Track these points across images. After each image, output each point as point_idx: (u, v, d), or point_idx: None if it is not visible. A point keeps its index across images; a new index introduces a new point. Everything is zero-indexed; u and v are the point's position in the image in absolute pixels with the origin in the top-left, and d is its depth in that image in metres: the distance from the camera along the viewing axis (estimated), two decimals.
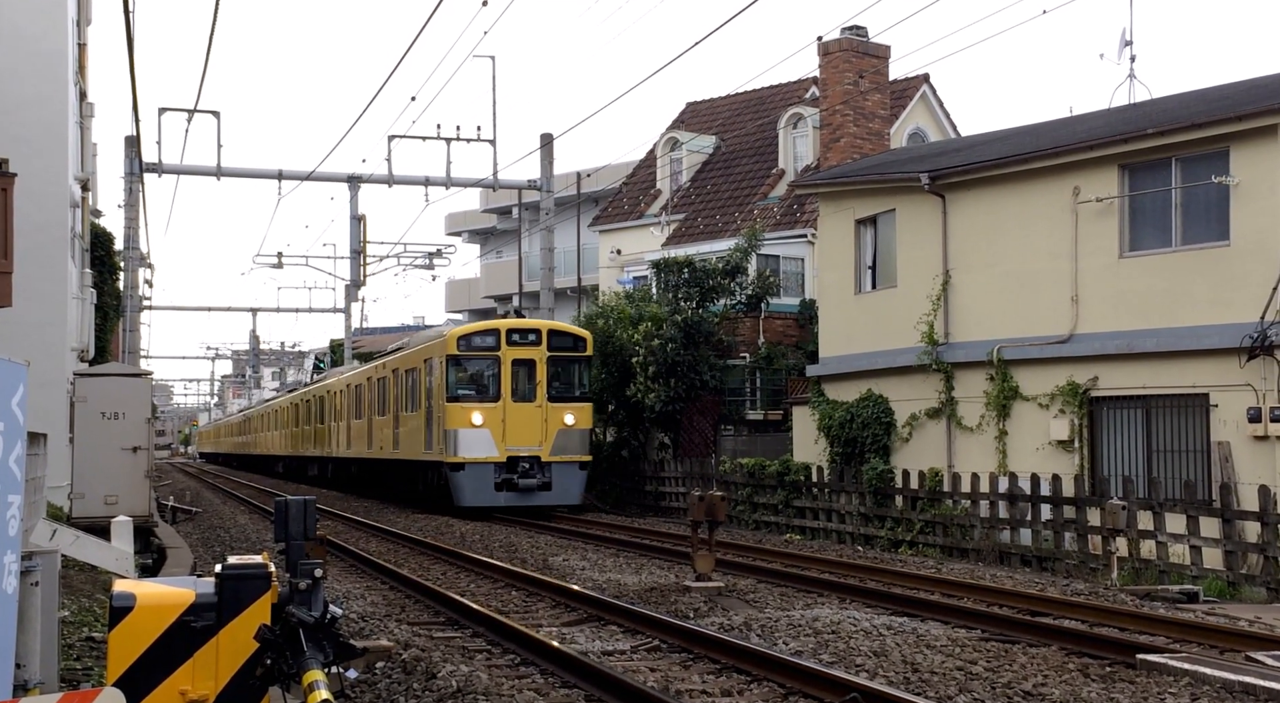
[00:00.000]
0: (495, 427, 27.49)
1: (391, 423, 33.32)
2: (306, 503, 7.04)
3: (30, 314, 22.44)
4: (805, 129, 38.40)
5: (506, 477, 27.41)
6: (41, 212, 23.85)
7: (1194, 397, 18.48)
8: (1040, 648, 11.32)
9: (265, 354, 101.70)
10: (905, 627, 12.07)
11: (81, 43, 29.06)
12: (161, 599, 6.33)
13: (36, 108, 24.06)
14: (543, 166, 37.51)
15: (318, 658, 6.09)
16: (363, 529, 25.54)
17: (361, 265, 43.67)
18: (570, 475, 27.71)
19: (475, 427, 27.32)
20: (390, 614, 13.57)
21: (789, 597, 14.65)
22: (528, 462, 27.52)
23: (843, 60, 29.28)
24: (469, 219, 65.74)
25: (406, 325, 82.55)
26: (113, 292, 36.12)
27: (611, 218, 44.10)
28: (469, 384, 28.20)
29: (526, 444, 27.58)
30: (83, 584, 14.21)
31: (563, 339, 28.52)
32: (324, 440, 45.52)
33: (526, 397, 27.93)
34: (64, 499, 21.35)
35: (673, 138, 43.51)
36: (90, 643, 10.82)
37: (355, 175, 38.61)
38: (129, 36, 18.95)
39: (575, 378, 28.64)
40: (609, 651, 11.23)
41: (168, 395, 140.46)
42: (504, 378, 27.88)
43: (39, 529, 8.73)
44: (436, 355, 28.90)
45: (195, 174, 36.43)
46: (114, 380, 21.37)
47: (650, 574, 16.78)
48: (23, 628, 7.21)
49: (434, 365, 29.04)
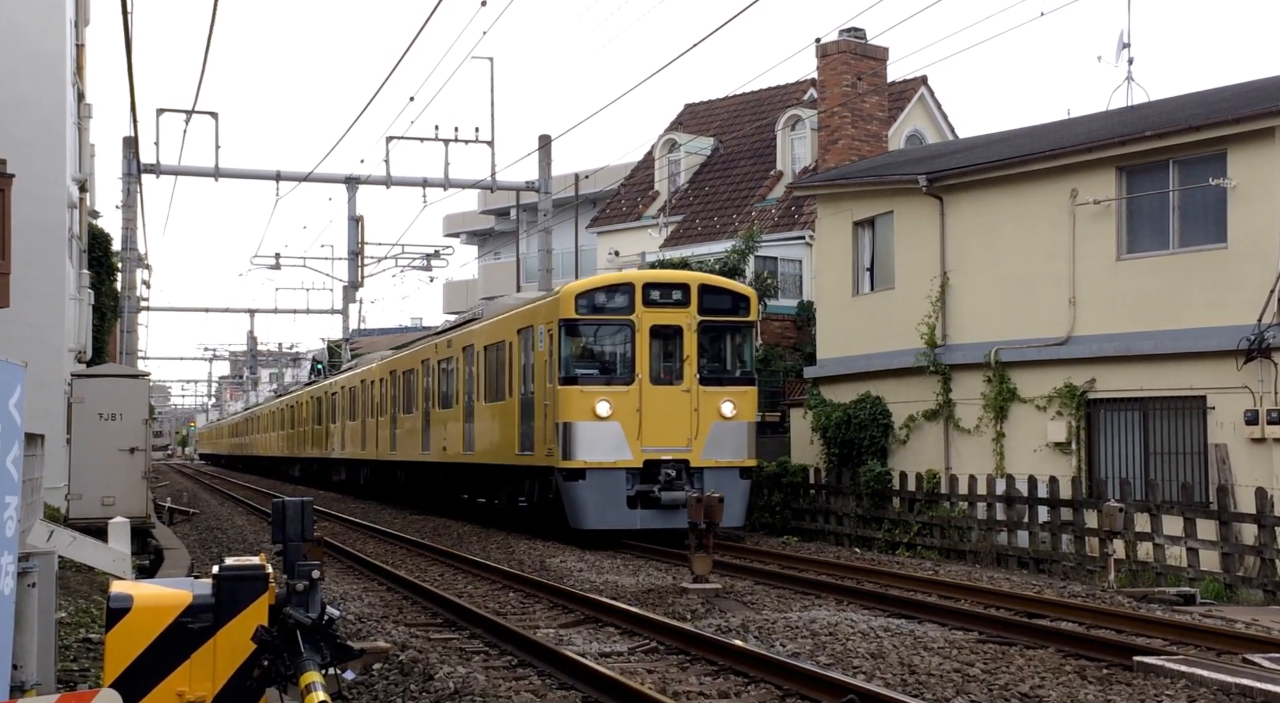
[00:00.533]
0: (628, 419, 20.76)
1: (461, 417, 26.94)
2: (304, 504, 7.05)
3: (28, 315, 22.41)
4: (803, 131, 38.41)
5: (643, 488, 20.68)
6: (39, 212, 23.82)
7: (1191, 399, 18.50)
8: (1037, 650, 11.32)
9: (263, 355, 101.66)
10: (902, 629, 12.08)
11: (80, 43, 29.04)
12: (159, 601, 6.33)
13: (34, 108, 24.04)
14: (541, 168, 37.51)
15: (315, 660, 6.09)
16: (360, 530, 25.53)
17: (359, 267, 43.66)
18: (729, 486, 20.23)
19: (600, 419, 20.60)
20: (388, 616, 13.57)
21: (786, 599, 14.65)
22: (672, 467, 20.84)
23: (841, 62, 29.29)
24: (467, 220, 65.74)
25: (405, 326, 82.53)
26: (110, 292, 36.07)
27: (609, 219, 44.10)
28: (589, 361, 21.63)
29: (670, 443, 20.92)
30: (80, 585, 14.21)
31: (718, 298, 21.76)
32: (356, 440, 39.33)
33: (670, 378, 21.29)
34: (61, 500, 21.33)
35: (671, 139, 43.52)
36: (87, 644, 10.82)
37: (353, 176, 38.61)
38: (127, 37, 18.96)
39: (735, 352, 22.13)
40: (606, 652, 11.24)
41: (165, 397, 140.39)
42: (640, 351, 21.04)
43: (36, 530, 8.73)
44: (543, 322, 21.94)
45: (193, 175, 36.41)
46: (111, 381, 21.39)
47: (647, 576, 16.79)
48: (20, 629, 7.21)
49: (537, 336, 22.17)
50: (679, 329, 21.33)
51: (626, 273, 23.56)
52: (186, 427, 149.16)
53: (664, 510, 20.55)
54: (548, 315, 21.68)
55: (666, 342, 21.49)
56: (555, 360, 21.10)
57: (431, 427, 29.59)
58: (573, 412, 20.69)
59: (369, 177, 37.56)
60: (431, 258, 50.10)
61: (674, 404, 21.04)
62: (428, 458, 29.84)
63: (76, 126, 28.74)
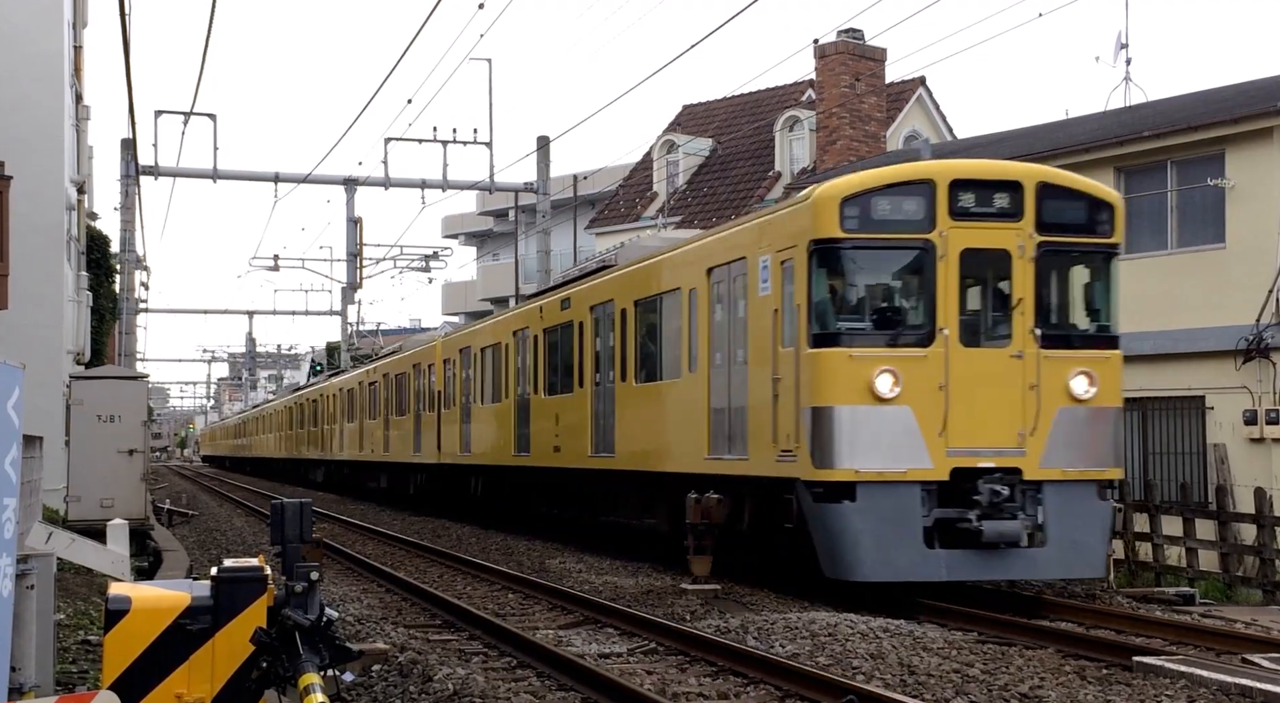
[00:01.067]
0: (925, 402, 13.25)
1: (585, 404, 20.04)
2: (303, 506, 7.05)
3: (26, 317, 22.43)
4: (802, 132, 38.40)
5: (949, 514, 13.19)
6: (38, 214, 23.85)
7: (1190, 399, 18.51)
8: (1037, 650, 11.32)
9: (261, 357, 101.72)
10: (902, 629, 12.07)
11: (78, 45, 29.07)
12: (157, 602, 6.34)
13: (32, 110, 24.07)
14: (539, 169, 37.54)
15: (314, 661, 6.10)
16: (359, 531, 25.53)
17: (358, 268, 43.68)
18: (1085, 512, 13.57)
19: (880, 401, 13.15)
20: (387, 617, 13.56)
21: (785, 599, 14.65)
22: (999, 482, 13.24)
23: (839, 63, 29.33)
24: (465, 221, 65.78)
25: (404, 328, 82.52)
26: (109, 294, 36.10)
27: (608, 220, 44.11)
28: (857, 311, 13.91)
29: (993, 442, 13.41)
30: (78, 587, 14.20)
31: (1068, 206, 13.98)
32: (406, 439, 31.79)
33: (991, 334, 13.87)
34: (60, 502, 21.33)
35: (669, 140, 43.53)
36: (86, 646, 10.81)
37: (352, 178, 38.64)
38: (125, 39, 18.96)
39: (1093, 295, 14.55)
40: (606, 653, 11.23)
41: (164, 398, 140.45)
42: (944, 292, 13.47)
43: (35, 532, 8.73)
44: (772, 249, 14.37)
45: (191, 176, 36.43)
46: (110, 383, 21.41)
47: (647, 577, 16.78)
48: (18, 631, 7.20)
49: (755, 274, 14.77)
50: (1005, 256, 13.57)
51: (923, 164, 14.24)
52: (185, 428, 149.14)
53: (984, 551, 13.08)
54: (784, 237, 14.05)
55: (985, 276, 14.00)
56: (804, 309, 13.49)
57: (533, 420, 22.44)
58: (835, 389, 13.17)
59: (367, 178, 37.60)
60: (430, 259, 50.17)
61: (999, 378, 13.45)
62: (524, 461, 22.82)
63: (75, 128, 28.76)
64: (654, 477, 17.58)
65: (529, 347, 22.94)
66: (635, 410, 18.29)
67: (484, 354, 25.80)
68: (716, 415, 15.66)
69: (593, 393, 19.81)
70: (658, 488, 17.61)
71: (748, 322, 14.91)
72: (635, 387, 18.36)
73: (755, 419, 14.59)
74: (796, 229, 13.84)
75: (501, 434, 24.30)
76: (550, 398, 21.74)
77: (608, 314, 19.30)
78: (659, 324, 17.67)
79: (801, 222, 13.78)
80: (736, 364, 15.21)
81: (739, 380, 15.11)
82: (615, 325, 18.90)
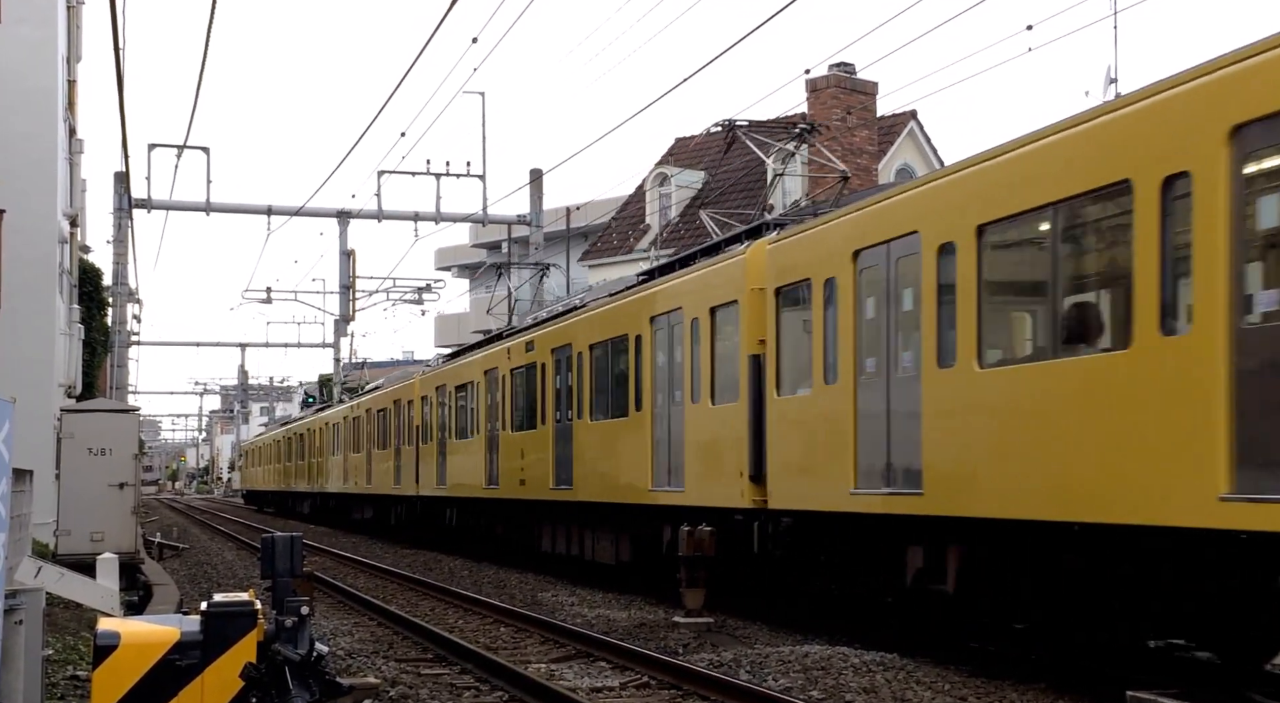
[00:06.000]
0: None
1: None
2: (293, 540, 7.03)
3: (18, 350, 22.40)
4: (794, 164, 38.54)
5: None
6: (30, 247, 23.84)
7: None
8: (1030, 684, 11.27)
9: (254, 389, 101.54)
10: (895, 663, 12.02)
11: (71, 79, 29.13)
12: (146, 637, 6.30)
13: (26, 144, 24.09)
14: (532, 202, 37.66)
15: (304, 696, 6.07)
16: (350, 564, 25.42)
17: (351, 300, 43.70)
18: None
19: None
20: (378, 651, 13.49)
21: (779, 632, 14.59)
22: None
23: (831, 96, 29.49)
24: (458, 254, 65.86)
25: (396, 360, 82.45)
26: (101, 327, 36.08)
27: (601, 253, 44.20)
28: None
29: None
30: (68, 622, 14.11)
31: None
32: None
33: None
34: (50, 536, 21.22)
35: (661, 173, 43.68)
36: (75, 682, 10.74)
37: (345, 211, 38.72)
38: (119, 73, 19.03)
39: None
40: (598, 687, 11.17)
41: (155, 431, 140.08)
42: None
43: (24, 567, 8.68)
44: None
45: (184, 209, 36.51)
46: (101, 416, 21.34)
47: (639, 610, 16.71)
48: (6, 666, 7.16)
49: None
50: None
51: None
52: (177, 461, 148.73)
53: None
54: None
55: None
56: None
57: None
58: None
59: (360, 211, 37.68)
60: (423, 291, 50.19)
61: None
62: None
63: (68, 162, 28.79)
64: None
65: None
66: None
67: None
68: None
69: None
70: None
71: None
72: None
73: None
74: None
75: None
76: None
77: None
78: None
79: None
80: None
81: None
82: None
